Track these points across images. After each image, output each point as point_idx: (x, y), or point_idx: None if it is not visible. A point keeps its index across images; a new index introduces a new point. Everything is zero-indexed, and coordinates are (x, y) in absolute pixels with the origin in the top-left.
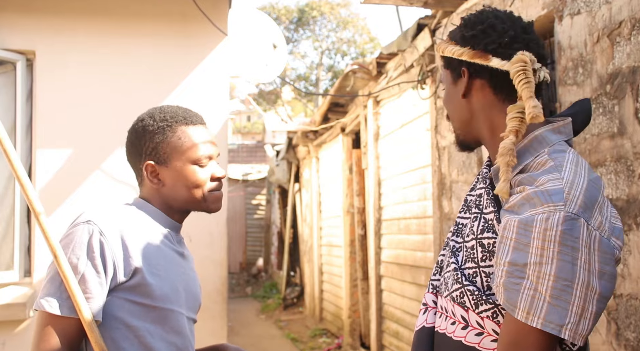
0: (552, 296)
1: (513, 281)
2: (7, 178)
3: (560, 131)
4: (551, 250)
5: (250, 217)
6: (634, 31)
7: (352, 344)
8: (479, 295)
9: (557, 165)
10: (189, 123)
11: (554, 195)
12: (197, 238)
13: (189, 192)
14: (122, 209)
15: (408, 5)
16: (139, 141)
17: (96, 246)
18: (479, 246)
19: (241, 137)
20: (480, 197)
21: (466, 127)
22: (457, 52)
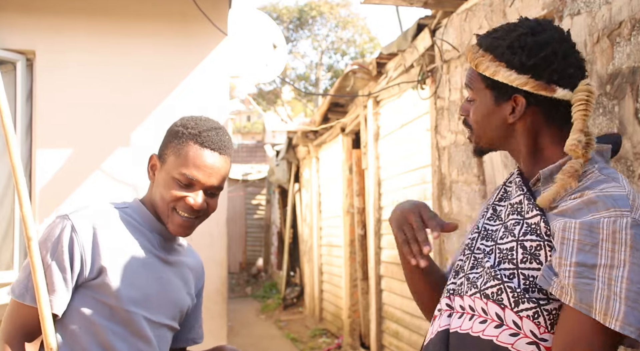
0: (628, 298)
1: (584, 282)
2: (7, 178)
3: (603, 155)
4: (622, 252)
5: (250, 217)
6: (634, 31)
7: (352, 344)
8: (521, 292)
9: (613, 177)
10: (201, 144)
11: (619, 200)
12: (197, 238)
13: (159, 200)
14: (105, 208)
15: (408, 5)
16: (164, 137)
17: (65, 242)
18: (519, 248)
19: (241, 137)
20: (520, 204)
21: (497, 142)
22: (518, 81)
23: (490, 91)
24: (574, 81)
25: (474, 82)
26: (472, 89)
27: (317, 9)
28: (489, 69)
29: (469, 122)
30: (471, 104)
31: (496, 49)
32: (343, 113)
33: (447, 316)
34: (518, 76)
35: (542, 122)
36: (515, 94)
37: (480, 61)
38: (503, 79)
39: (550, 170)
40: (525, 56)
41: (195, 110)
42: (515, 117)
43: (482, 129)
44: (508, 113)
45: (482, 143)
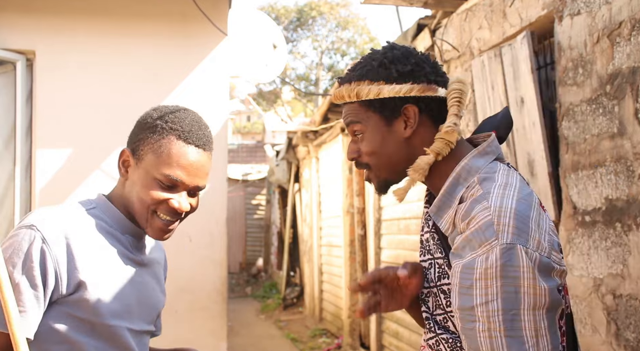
0: (505, 329)
1: (468, 326)
2: (7, 179)
3: (487, 152)
4: (494, 286)
5: (250, 217)
6: (634, 31)
7: (352, 344)
8: (453, 342)
9: (485, 192)
10: (184, 140)
11: (486, 231)
12: (197, 238)
13: (137, 201)
14: (73, 212)
15: (408, 6)
16: (135, 129)
17: (36, 256)
18: (441, 293)
19: (241, 137)
20: (427, 241)
21: (401, 170)
22: (404, 90)
23: (378, 114)
24: (446, 80)
25: (357, 114)
26: (356, 123)
27: (317, 9)
28: (372, 92)
29: (361, 161)
30: (357, 142)
31: (368, 73)
32: None
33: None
34: (402, 86)
35: (432, 131)
36: (405, 106)
37: (359, 90)
38: (389, 94)
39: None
40: (400, 66)
41: (195, 110)
42: (411, 128)
43: (380, 159)
44: (402, 128)
45: (384, 175)
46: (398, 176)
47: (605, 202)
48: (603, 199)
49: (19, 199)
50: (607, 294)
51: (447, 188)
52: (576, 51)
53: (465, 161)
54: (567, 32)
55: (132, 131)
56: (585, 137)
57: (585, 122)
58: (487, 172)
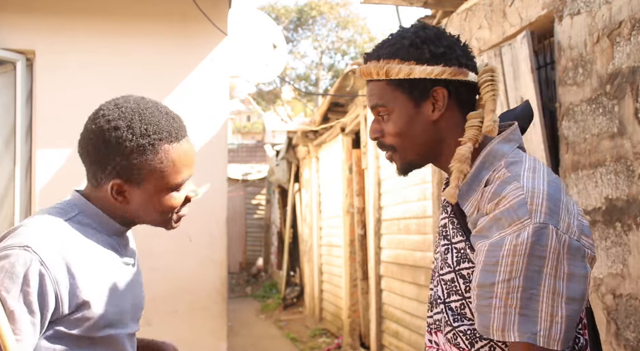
0: (521, 306)
1: (484, 303)
2: (8, 179)
3: (511, 139)
4: (520, 263)
5: (250, 217)
6: (634, 31)
7: (352, 344)
8: (471, 333)
9: (515, 175)
10: (174, 140)
11: (519, 209)
12: (197, 238)
13: (158, 215)
14: (63, 226)
15: (408, 5)
16: (109, 153)
17: (34, 280)
18: (459, 278)
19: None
20: (445, 227)
21: (427, 153)
22: (436, 72)
23: (406, 95)
24: (474, 64)
25: (385, 95)
26: (383, 104)
27: (317, 8)
28: (403, 71)
29: (385, 142)
30: (383, 122)
31: (399, 52)
32: (343, 113)
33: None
34: (433, 67)
35: (459, 116)
36: (434, 88)
37: (388, 68)
38: (420, 75)
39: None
40: (432, 47)
41: (196, 110)
42: (440, 111)
43: (406, 140)
44: (430, 111)
45: (410, 156)
46: (423, 159)
47: (605, 202)
48: (603, 199)
49: (19, 199)
50: (607, 294)
51: (474, 172)
52: (576, 51)
53: (491, 146)
54: (567, 31)
55: (95, 155)
56: (585, 137)
57: (585, 122)
58: (513, 157)
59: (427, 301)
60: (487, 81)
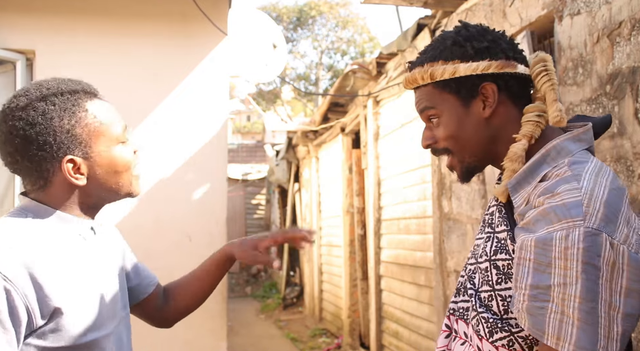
0: (580, 319)
1: (537, 305)
2: (8, 179)
3: (581, 139)
4: (574, 270)
5: (250, 217)
6: (634, 31)
7: (352, 344)
8: (493, 322)
9: (575, 174)
10: (92, 95)
11: (572, 209)
12: (197, 238)
13: (120, 179)
14: (24, 231)
15: (408, 5)
16: (42, 132)
17: (1, 298)
18: (493, 269)
19: (241, 137)
20: (492, 215)
21: (484, 152)
22: (482, 67)
23: (454, 95)
24: (523, 56)
25: (432, 98)
26: (430, 108)
27: (317, 8)
28: (447, 71)
29: (439, 148)
30: (432, 128)
31: (442, 53)
32: (343, 113)
33: (445, 338)
34: (478, 63)
35: (513, 110)
36: (482, 84)
37: (433, 71)
38: (465, 72)
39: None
40: (475, 43)
41: (196, 110)
42: (491, 108)
43: (461, 143)
44: (481, 109)
45: (469, 158)
46: (481, 160)
47: None
48: None
49: (19, 199)
50: None
51: (532, 164)
52: (576, 51)
53: (557, 141)
54: (567, 32)
55: (26, 146)
56: None
57: None
58: (579, 157)
59: (427, 301)
60: (541, 72)
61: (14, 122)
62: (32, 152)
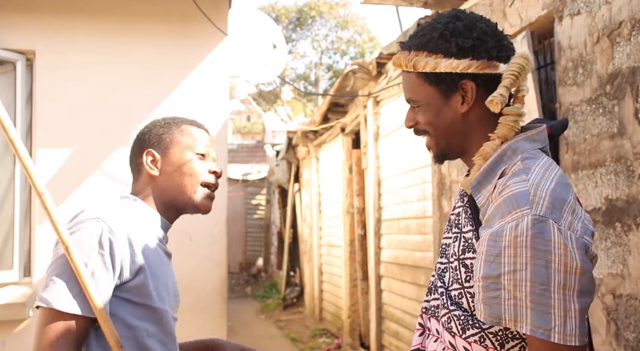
0: (532, 301)
1: (490, 295)
2: (8, 179)
3: (535, 139)
4: (524, 256)
5: (250, 217)
6: (634, 31)
7: (352, 344)
8: (464, 319)
9: (525, 168)
10: (194, 124)
11: (520, 199)
12: (197, 238)
13: (184, 180)
14: (124, 208)
15: (408, 6)
16: (144, 136)
17: (106, 244)
18: (462, 267)
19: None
20: (458, 216)
21: (456, 143)
22: (462, 66)
23: (435, 87)
24: (509, 54)
25: (414, 87)
26: (414, 99)
27: (317, 8)
28: (429, 65)
29: (420, 129)
30: (416, 111)
31: (428, 44)
32: (343, 113)
33: (419, 336)
34: (460, 61)
35: (487, 109)
36: (462, 81)
37: (416, 61)
38: (446, 69)
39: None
40: (460, 40)
41: (195, 110)
42: (468, 104)
43: (437, 130)
44: (459, 103)
45: (442, 144)
46: (453, 150)
47: (605, 202)
48: (603, 199)
49: (19, 199)
50: (607, 294)
51: (490, 163)
52: (576, 51)
53: (512, 141)
54: (567, 32)
55: (136, 144)
56: (585, 137)
57: (585, 122)
58: (531, 154)
59: None
60: (513, 63)
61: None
62: (137, 147)
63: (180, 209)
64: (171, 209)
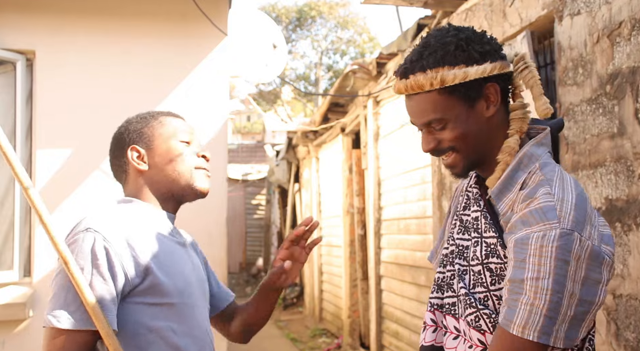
0: (548, 309)
1: (513, 297)
2: (8, 179)
3: (543, 143)
4: (548, 265)
5: (250, 217)
6: (634, 31)
7: (352, 344)
8: (495, 318)
9: (547, 179)
10: (170, 114)
11: (548, 213)
12: (197, 238)
13: (176, 168)
14: (119, 210)
15: (408, 6)
16: (122, 135)
17: (101, 254)
18: (486, 271)
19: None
20: (477, 220)
21: (482, 149)
22: (488, 69)
23: (460, 99)
24: (504, 55)
25: (439, 105)
26: (440, 118)
27: (317, 8)
28: (458, 76)
29: (444, 148)
30: (435, 133)
31: (445, 58)
32: (343, 113)
33: (432, 332)
34: (484, 66)
35: (504, 110)
36: (486, 85)
37: (443, 76)
38: (476, 76)
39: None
40: (477, 46)
41: (195, 110)
42: (495, 107)
43: (468, 141)
44: (484, 108)
45: (472, 156)
46: (481, 157)
47: (605, 202)
48: (603, 199)
49: (19, 199)
50: (607, 294)
51: (509, 173)
52: (576, 51)
53: (527, 148)
54: (567, 32)
55: (116, 146)
56: (585, 137)
57: (585, 122)
58: (546, 161)
59: (427, 301)
60: (524, 69)
61: (116, 130)
62: (117, 149)
63: (179, 198)
64: (170, 199)
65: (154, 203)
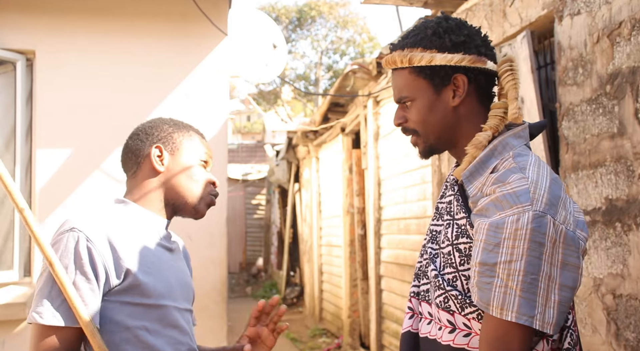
0: (522, 289)
1: (484, 280)
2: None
3: (520, 136)
4: (521, 247)
5: (250, 217)
6: (634, 31)
7: (352, 344)
8: (462, 298)
9: (521, 167)
10: (198, 133)
11: (522, 196)
12: (197, 238)
13: (189, 184)
14: (106, 212)
15: (408, 6)
16: (151, 129)
17: (84, 253)
18: (456, 252)
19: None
20: (450, 204)
21: (446, 136)
22: (456, 59)
23: (428, 81)
24: (494, 54)
25: (407, 84)
26: (407, 96)
27: (317, 8)
28: (424, 58)
29: (409, 127)
30: (406, 110)
31: (422, 41)
32: (343, 113)
33: (409, 319)
34: (453, 55)
35: (477, 103)
36: (454, 74)
37: (411, 56)
38: (441, 62)
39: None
40: (453, 36)
41: (195, 110)
42: (460, 97)
43: (428, 125)
44: (451, 97)
45: (431, 140)
46: (442, 144)
47: (605, 202)
48: (603, 199)
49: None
50: (607, 294)
51: (482, 157)
52: (576, 51)
53: (502, 137)
54: (567, 32)
55: (136, 141)
56: (585, 137)
57: (585, 122)
58: (520, 152)
59: None
60: (507, 71)
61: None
62: (136, 144)
63: (177, 209)
64: (169, 206)
65: (151, 205)
